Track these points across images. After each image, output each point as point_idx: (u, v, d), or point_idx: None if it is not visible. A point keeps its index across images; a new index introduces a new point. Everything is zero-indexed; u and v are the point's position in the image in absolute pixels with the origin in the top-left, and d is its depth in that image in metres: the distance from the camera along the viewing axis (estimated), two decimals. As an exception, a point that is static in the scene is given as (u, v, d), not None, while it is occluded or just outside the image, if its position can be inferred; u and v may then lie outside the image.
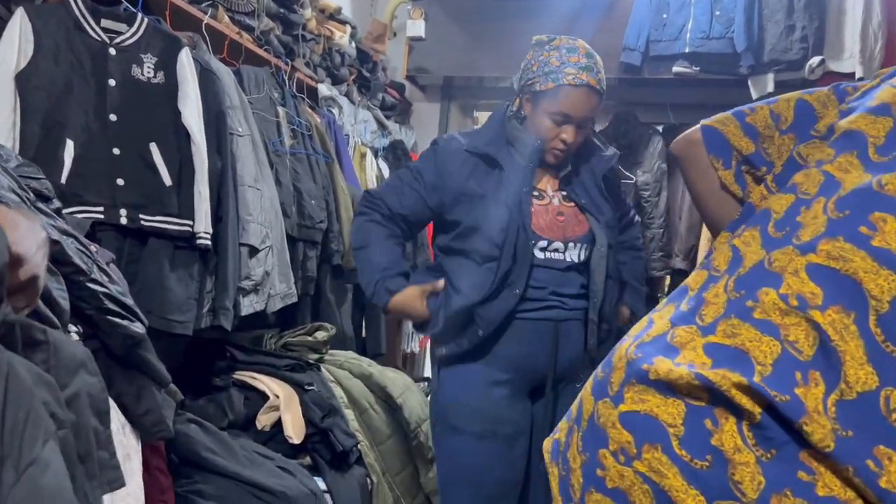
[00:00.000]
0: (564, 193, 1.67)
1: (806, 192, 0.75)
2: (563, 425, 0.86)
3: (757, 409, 0.65)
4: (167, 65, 1.89)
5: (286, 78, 2.62)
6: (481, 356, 1.62)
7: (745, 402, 0.65)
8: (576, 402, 0.84)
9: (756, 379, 0.65)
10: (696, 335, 0.72)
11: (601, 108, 1.67)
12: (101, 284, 1.08)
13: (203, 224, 1.88)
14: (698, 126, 0.97)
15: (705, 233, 3.33)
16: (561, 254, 1.62)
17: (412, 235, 1.84)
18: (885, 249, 0.63)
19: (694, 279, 0.81)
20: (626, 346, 0.79)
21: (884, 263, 0.63)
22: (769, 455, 0.64)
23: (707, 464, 0.65)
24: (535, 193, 1.64)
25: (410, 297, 1.63)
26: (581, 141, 1.64)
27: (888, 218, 0.65)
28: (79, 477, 0.69)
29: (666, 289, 3.88)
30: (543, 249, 1.60)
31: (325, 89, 2.95)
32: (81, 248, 1.10)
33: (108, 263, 1.26)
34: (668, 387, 0.69)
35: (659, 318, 0.80)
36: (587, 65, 1.58)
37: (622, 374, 0.75)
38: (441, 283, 1.62)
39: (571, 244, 1.62)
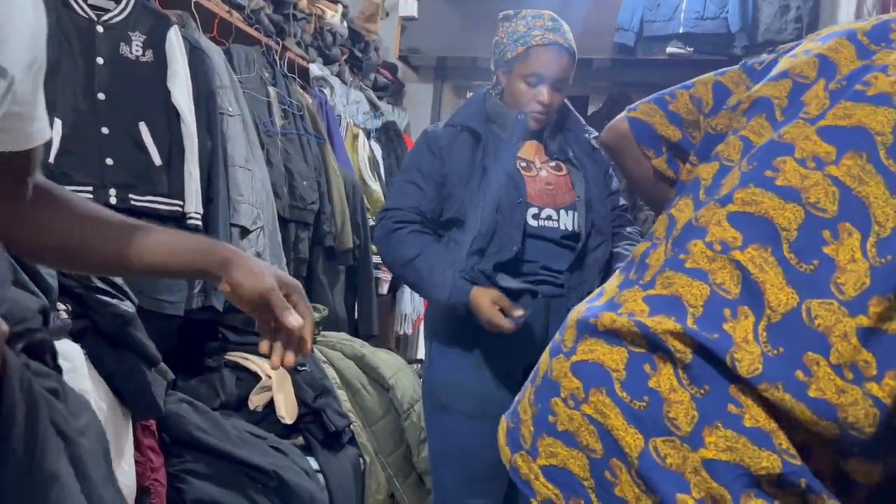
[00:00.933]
0: (553, 164, 1.67)
1: (728, 158, 0.83)
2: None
3: (688, 350, 0.72)
4: (156, 43, 1.87)
5: (277, 57, 2.59)
6: (473, 335, 1.61)
7: (676, 345, 0.72)
8: (535, 368, 0.92)
9: (689, 321, 0.73)
10: (638, 291, 0.79)
11: (593, 89, 1.66)
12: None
13: (193, 204, 1.87)
14: (624, 117, 1.03)
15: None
16: (554, 222, 1.61)
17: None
18: (787, 186, 0.73)
19: (638, 249, 0.87)
20: (577, 309, 0.86)
21: (787, 198, 0.73)
22: (702, 391, 0.71)
23: (644, 404, 0.72)
24: (523, 164, 1.64)
25: (491, 298, 1.53)
26: (559, 103, 1.66)
27: (787, 159, 0.74)
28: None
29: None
30: (536, 217, 1.60)
31: (316, 69, 2.93)
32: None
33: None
34: (613, 335, 0.77)
35: (609, 286, 0.87)
36: (553, 26, 1.63)
37: (574, 332, 0.82)
38: (519, 312, 1.52)
39: (563, 212, 1.62)
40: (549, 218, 1.61)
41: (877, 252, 0.68)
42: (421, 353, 3.81)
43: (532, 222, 1.59)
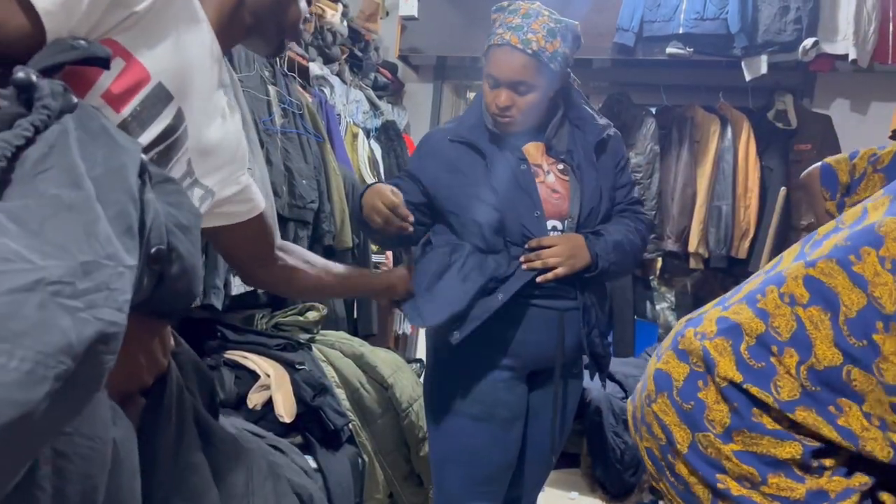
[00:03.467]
0: (560, 166, 1.63)
1: (843, 221, 0.95)
2: None
3: (739, 378, 0.91)
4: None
5: (277, 56, 2.59)
6: (482, 338, 1.57)
7: (727, 373, 0.91)
8: None
9: (741, 348, 0.91)
10: (719, 311, 0.97)
11: (594, 88, 1.63)
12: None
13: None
14: (820, 163, 1.33)
15: (697, 215, 3.34)
16: (559, 232, 1.59)
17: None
18: (860, 275, 0.85)
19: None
20: (682, 319, 1.05)
21: (857, 284, 0.85)
22: (735, 406, 0.91)
23: (690, 406, 0.94)
24: (532, 170, 1.62)
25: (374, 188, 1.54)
26: (525, 106, 1.57)
27: (872, 252, 0.85)
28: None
29: (658, 271, 3.90)
30: None
31: (316, 68, 2.93)
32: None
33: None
34: (685, 353, 0.96)
35: (715, 302, 1.04)
36: (517, 25, 1.53)
37: (669, 342, 1.02)
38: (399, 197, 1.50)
39: (569, 222, 1.60)
40: (553, 229, 1.59)
41: None
42: (420, 353, 3.81)
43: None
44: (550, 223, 1.58)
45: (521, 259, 1.53)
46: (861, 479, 0.87)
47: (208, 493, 0.81)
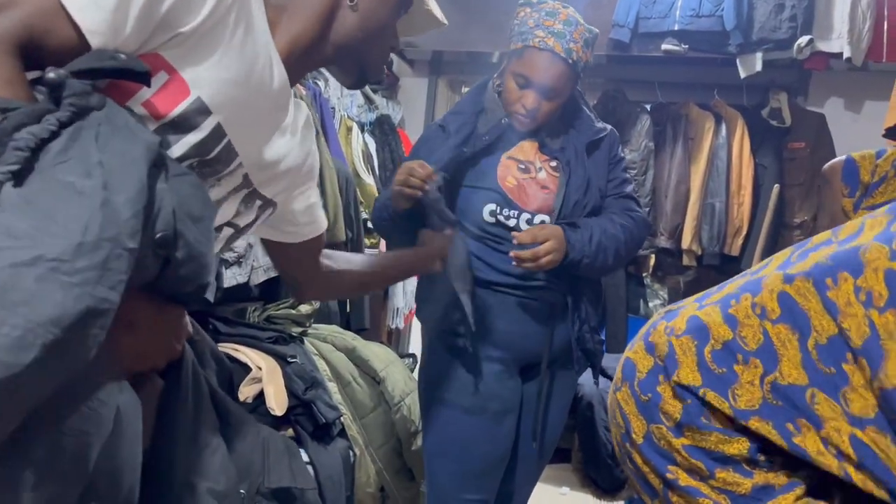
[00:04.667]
0: (553, 163, 1.65)
1: (837, 234, 0.91)
2: None
3: (698, 381, 0.90)
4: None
5: (271, 48, 2.58)
6: (472, 331, 1.60)
7: (687, 376, 0.91)
8: None
9: (706, 350, 0.90)
10: (693, 307, 0.96)
11: (589, 85, 1.64)
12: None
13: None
14: (844, 156, 1.29)
15: (691, 212, 3.34)
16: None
17: None
18: (833, 302, 0.82)
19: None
20: (662, 311, 1.03)
21: (828, 311, 0.82)
22: (688, 402, 0.91)
23: (647, 399, 0.94)
24: (522, 166, 1.63)
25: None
26: (549, 111, 1.60)
27: (849, 278, 0.82)
28: None
29: (651, 268, 3.90)
30: (529, 222, 1.60)
31: (310, 61, 2.91)
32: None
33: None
34: (652, 346, 0.96)
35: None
36: (559, 31, 1.54)
37: (643, 331, 1.00)
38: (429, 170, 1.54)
39: (552, 215, 1.60)
40: (542, 223, 1.60)
41: (880, 398, 0.78)
42: (412, 348, 3.81)
43: (525, 227, 1.59)
44: (538, 218, 1.60)
45: (511, 254, 1.52)
46: (806, 471, 0.87)
47: (227, 471, 0.85)
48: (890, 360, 0.77)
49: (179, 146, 0.81)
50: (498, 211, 1.59)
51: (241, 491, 0.89)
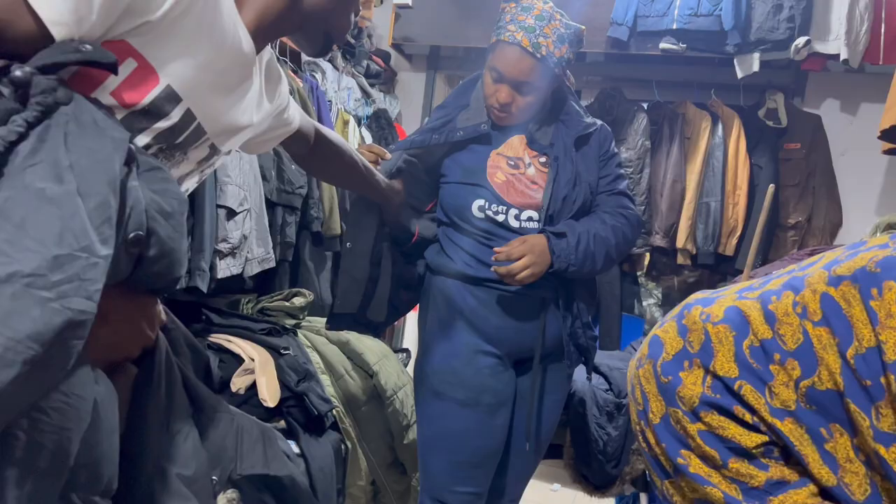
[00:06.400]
0: (543, 159, 1.65)
1: (863, 240, 0.90)
2: None
3: (734, 372, 0.88)
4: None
5: (269, 40, 2.57)
6: (467, 324, 1.62)
7: (724, 366, 0.89)
8: None
9: (744, 344, 0.88)
10: (734, 297, 0.94)
11: (586, 83, 1.64)
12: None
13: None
14: None
15: (686, 211, 3.35)
16: (536, 223, 1.61)
17: None
18: (875, 312, 0.79)
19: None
20: (695, 295, 1.02)
21: (871, 320, 0.80)
22: (718, 396, 0.89)
23: (668, 381, 0.93)
24: (511, 162, 1.64)
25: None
26: (523, 105, 1.60)
27: (894, 286, 0.79)
28: None
29: (645, 266, 3.91)
30: (517, 218, 1.60)
31: (308, 54, 2.90)
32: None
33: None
34: (685, 329, 0.94)
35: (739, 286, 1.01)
36: (530, 25, 1.54)
37: (676, 311, 0.99)
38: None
39: (541, 211, 1.61)
40: (529, 219, 1.61)
41: None
42: (406, 343, 3.80)
43: (514, 223, 1.60)
44: (526, 213, 1.61)
45: (492, 269, 1.55)
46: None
47: (197, 457, 0.86)
48: None
49: (148, 133, 0.80)
50: (487, 207, 1.60)
51: (213, 478, 0.90)
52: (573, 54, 1.61)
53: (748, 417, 0.86)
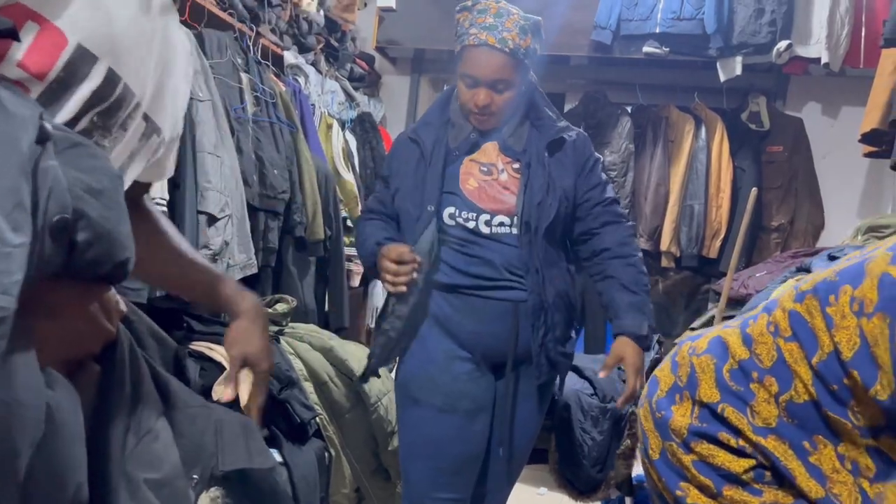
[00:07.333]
0: (516, 165, 1.65)
1: (867, 249, 0.90)
2: None
3: (716, 398, 0.91)
4: (123, 23, 1.82)
5: (250, 44, 2.55)
6: (443, 331, 1.62)
7: (707, 393, 0.92)
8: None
9: (724, 369, 0.90)
10: (720, 326, 0.98)
11: (570, 86, 1.64)
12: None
13: (158, 189, 1.84)
14: None
15: (670, 214, 3.36)
16: (507, 228, 1.61)
17: None
18: (832, 317, 0.81)
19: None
20: (690, 333, 1.07)
21: (828, 325, 0.81)
22: (699, 423, 0.92)
23: (661, 416, 0.96)
24: (484, 169, 1.63)
25: (398, 253, 1.61)
26: (503, 103, 1.61)
27: (849, 290, 0.81)
28: None
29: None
30: (488, 224, 1.60)
31: (290, 57, 2.89)
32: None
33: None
34: (676, 365, 0.98)
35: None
36: (490, 24, 1.56)
37: (673, 350, 1.02)
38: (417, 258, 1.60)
39: (515, 217, 1.60)
40: (501, 224, 1.60)
41: (887, 408, 0.77)
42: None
43: (484, 229, 1.60)
44: (498, 219, 1.60)
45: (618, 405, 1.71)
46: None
47: (169, 457, 0.79)
48: (882, 370, 0.75)
49: (75, 101, 0.73)
50: (457, 214, 1.61)
51: (194, 476, 0.83)
52: (538, 45, 1.63)
53: (733, 442, 0.88)
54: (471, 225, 1.60)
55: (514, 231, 1.61)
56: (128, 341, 0.81)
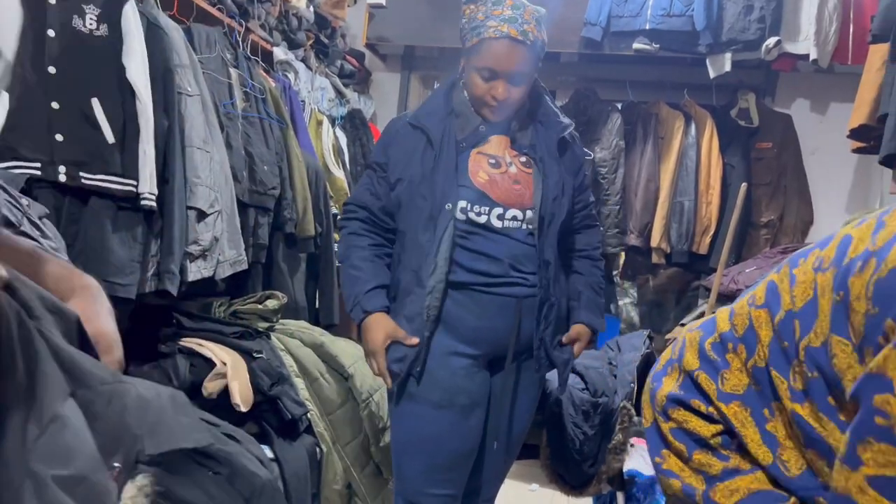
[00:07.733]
0: (523, 159, 1.64)
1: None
2: None
3: (696, 365, 0.96)
4: (111, 17, 1.81)
5: (240, 39, 2.54)
6: (441, 326, 1.60)
7: (690, 360, 0.98)
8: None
9: (707, 342, 0.96)
10: (723, 310, 1.02)
11: (560, 83, 1.64)
12: (31, 238, 1.03)
13: (148, 184, 1.82)
14: None
15: (660, 210, 3.37)
16: (519, 222, 1.60)
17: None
18: (795, 276, 0.85)
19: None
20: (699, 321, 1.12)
21: (791, 284, 0.85)
22: (682, 392, 0.98)
23: (653, 387, 1.01)
24: (492, 161, 1.62)
25: (378, 326, 1.60)
26: (519, 96, 1.61)
27: (817, 251, 0.85)
28: None
29: (620, 266, 3.93)
30: (501, 217, 1.59)
31: (280, 53, 2.87)
32: (10, 199, 1.05)
33: (41, 218, 1.21)
34: (675, 344, 1.04)
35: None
36: (510, 16, 1.55)
37: (681, 339, 1.05)
38: (414, 340, 1.58)
39: (530, 212, 1.60)
40: (514, 218, 1.59)
41: (805, 358, 0.81)
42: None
43: (496, 223, 1.58)
44: (511, 213, 1.59)
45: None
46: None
47: (82, 447, 0.68)
48: (819, 318, 0.79)
49: None
50: (469, 208, 1.58)
51: (115, 465, 0.72)
52: (545, 38, 1.64)
53: (703, 408, 0.93)
54: (482, 220, 1.58)
55: (525, 226, 1.60)
56: (16, 313, 0.68)
